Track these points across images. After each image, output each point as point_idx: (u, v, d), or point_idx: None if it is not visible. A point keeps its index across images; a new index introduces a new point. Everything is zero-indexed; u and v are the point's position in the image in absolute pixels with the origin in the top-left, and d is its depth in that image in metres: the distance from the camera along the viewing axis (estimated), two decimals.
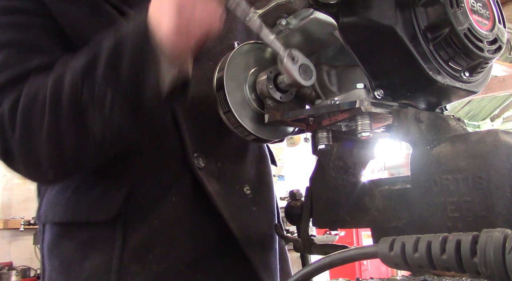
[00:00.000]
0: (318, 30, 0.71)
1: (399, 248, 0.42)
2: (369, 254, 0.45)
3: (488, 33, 0.62)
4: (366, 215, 0.69)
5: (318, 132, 0.72)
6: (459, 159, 0.55)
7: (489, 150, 0.54)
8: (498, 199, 0.52)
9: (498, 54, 0.64)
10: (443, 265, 0.40)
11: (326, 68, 0.75)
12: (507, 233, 0.38)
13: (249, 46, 0.80)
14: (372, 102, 0.64)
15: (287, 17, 0.72)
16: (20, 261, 4.17)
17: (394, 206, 0.66)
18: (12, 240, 4.31)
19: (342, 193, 0.75)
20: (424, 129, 0.62)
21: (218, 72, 0.76)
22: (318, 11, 0.69)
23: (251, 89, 0.77)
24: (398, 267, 0.43)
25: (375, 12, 0.61)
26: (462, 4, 0.60)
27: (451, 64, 0.62)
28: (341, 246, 0.79)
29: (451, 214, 0.55)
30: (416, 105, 0.66)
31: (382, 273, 5.28)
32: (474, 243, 0.39)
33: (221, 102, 0.75)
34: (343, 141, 0.78)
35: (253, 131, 0.76)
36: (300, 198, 0.87)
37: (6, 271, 4.01)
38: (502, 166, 0.53)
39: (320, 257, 0.49)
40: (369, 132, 0.64)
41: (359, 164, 0.79)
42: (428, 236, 0.41)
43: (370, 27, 0.62)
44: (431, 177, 0.57)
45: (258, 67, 0.79)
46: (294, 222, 0.86)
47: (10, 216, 4.29)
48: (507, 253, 0.36)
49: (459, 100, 0.70)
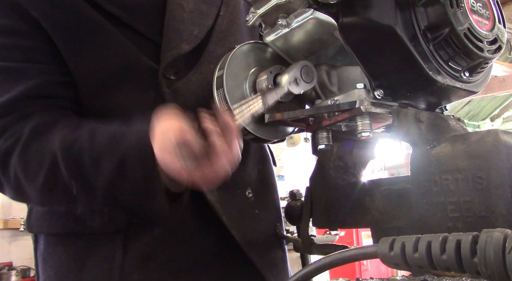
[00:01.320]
0: (318, 30, 0.71)
1: (399, 248, 0.42)
2: (369, 254, 0.45)
3: (488, 33, 0.62)
4: (366, 215, 0.69)
5: (318, 132, 0.72)
6: (459, 159, 0.55)
7: (489, 150, 0.54)
8: (498, 199, 0.52)
9: (498, 54, 0.64)
10: (443, 265, 0.40)
11: (326, 68, 0.75)
12: (507, 233, 0.38)
13: (249, 46, 0.80)
14: (372, 102, 0.64)
15: (287, 17, 0.71)
16: (20, 261, 4.17)
17: (394, 206, 0.66)
18: (12, 240, 4.31)
19: (342, 193, 0.75)
20: (424, 129, 0.62)
21: (218, 71, 0.76)
22: (318, 11, 0.69)
23: (251, 89, 0.77)
24: (398, 267, 0.43)
25: (375, 12, 0.61)
26: (462, 4, 0.59)
27: (451, 64, 0.62)
28: (341, 246, 0.79)
29: (451, 214, 0.55)
30: (416, 105, 0.66)
31: (382, 273, 5.27)
32: (474, 243, 0.39)
33: (220, 101, 0.75)
34: (343, 141, 0.78)
35: (252, 131, 0.76)
36: (300, 198, 0.87)
37: (6, 271, 4.00)
38: (502, 166, 0.53)
39: (320, 257, 0.49)
40: (369, 132, 0.64)
41: (359, 164, 0.79)
42: (428, 236, 0.41)
43: (370, 27, 0.62)
44: (431, 177, 0.57)
45: (258, 67, 0.79)
46: (294, 222, 0.86)
47: (10, 216, 4.28)
48: (507, 253, 0.36)
49: (459, 100, 0.70)
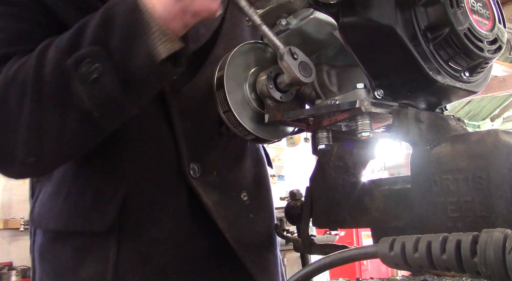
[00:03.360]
0: (318, 30, 0.71)
1: (399, 248, 0.42)
2: (369, 254, 0.45)
3: (488, 33, 0.62)
4: (366, 215, 0.69)
5: (318, 132, 0.72)
6: (459, 159, 0.55)
7: (489, 150, 0.54)
8: (498, 199, 0.52)
9: (498, 54, 0.64)
10: (443, 265, 0.40)
11: (326, 68, 0.75)
12: (507, 233, 0.38)
13: (249, 46, 0.80)
14: (372, 102, 0.64)
15: (287, 17, 0.71)
16: (20, 261, 4.17)
17: (394, 206, 0.66)
18: (12, 240, 4.32)
19: (342, 193, 0.75)
20: (424, 129, 0.62)
21: (218, 72, 0.76)
22: (318, 11, 0.69)
23: (251, 89, 0.77)
24: (398, 267, 0.43)
25: (375, 12, 0.61)
26: (462, 4, 0.59)
27: (451, 64, 0.62)
28: (341, 246, 0.79)
29: (451, 214, 0.55)
30: (416, 105, 0.66)
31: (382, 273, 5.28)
32: (474, 243, 0.39)
33: (221, 102, 0.75)
34: (343, 141, 0.78)
35: (252, 131, 0.76)
36: (300, 198, 0.87)
37: (6, 271, 4.01)
38: (502, 166, 0.53)
39: (320, 257, 0.49)
40: (369, 132, 0.64)
41: (359, 164, 0.79)
42: (428, 236, 0.41)
43: (370, 27, 0.62)
44: (431, 177, 0.57)
45: (258, 67, 0.79)
46: (294, 222, 0.86)
47: (10, 216, 4.29)
48: (507, 253, 0.36)
49: (459, 100, 0.70)
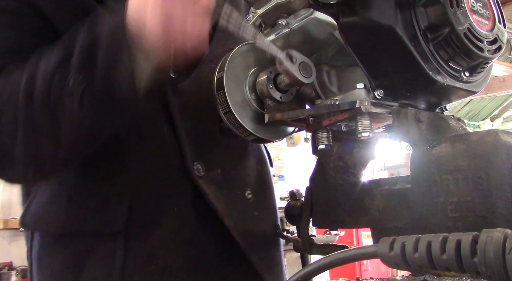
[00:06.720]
0: (318, 30, 0.71)
1: (399, 248, 0.42)
2: (369, 254, 0.45)
3: (488, 33, 0.62)
4: (366, 215, 0.70)
5: (318, 132, 0.72)
6: (459, 159, 0.55)
7: (489, 150, 0.54)
8: (498, 199, 0.52)
9: (498, 54, 0.64)
10: (443, 265, 0.40)
11: (326, 68, 0.75)
12: (507, 233, 0.38)
13: (249, 46, 0.79)
14: (372, 102, 0.64)
15: (287, 17, 0.71)
16: (20, 261, 4.17)
17: (394, 206, 0.66)
18: (12, 240, 4.31)
19: (342, 193, 0.75)
20: (424, 129, 0.62)
21: (218, 73, 0.76)
22: (318, 11, 0.69)
23: (251, 90, 0.77)
24: (398, 267, 0.43)
25: (375, 12, 0.61)
26: (462, 4, 0.59)
27: (451, 64, 0.62)
28: (341, 246, 0.79)
29: (451, 214, 0.55)
30: (416, 105, 0.66)
31: (382, 273, 5.28)
32: (474, 243, 0.39)
33: (221, 103, 0.75)
34: (343, 140, 0.78)
35: (253, 132, 0.76)
36: (300, 198, 0.87)
37: (6, 271, 4.01)
38: (502, 166, 0.53)
39: (320, 257, 0.49)
40: (369, 132, 0.64)
41: (359, 164, 0.79)
42: (428, 236, 0.41)
43: (370, 27, 0.62)
44: (431, 177, 0.57)
45: (258, 67, 0.79)
46: (294, 222, 0.86)
47: (10, 216, 4.29)
48: (507, 253, 0.36)
49: (459, 100, 0.70)
